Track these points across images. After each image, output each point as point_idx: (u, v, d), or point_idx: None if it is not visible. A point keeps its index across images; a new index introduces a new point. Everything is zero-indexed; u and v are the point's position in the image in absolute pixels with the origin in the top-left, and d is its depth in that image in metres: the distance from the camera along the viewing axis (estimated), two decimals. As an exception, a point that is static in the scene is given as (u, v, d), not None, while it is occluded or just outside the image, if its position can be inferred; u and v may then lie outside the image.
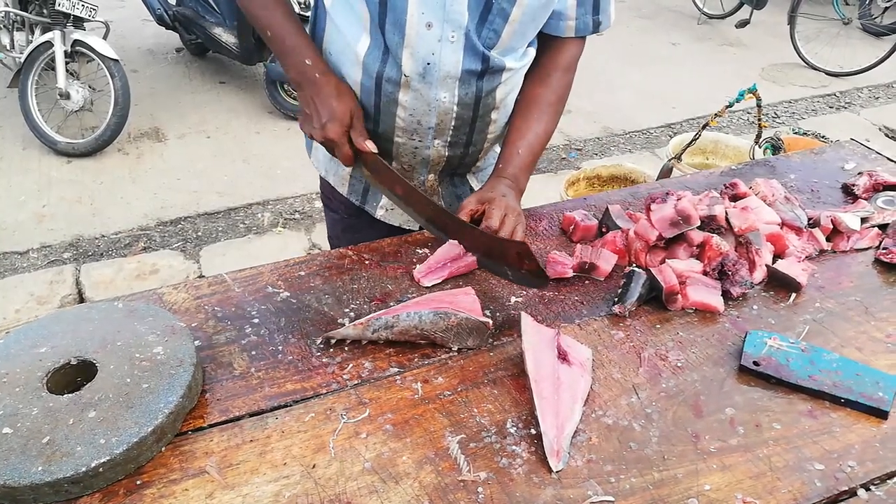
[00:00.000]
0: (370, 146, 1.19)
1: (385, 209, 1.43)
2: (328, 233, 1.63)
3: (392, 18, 1.14)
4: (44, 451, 0.80)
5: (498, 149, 1.45)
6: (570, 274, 1.17)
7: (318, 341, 1.03)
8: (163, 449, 0.86)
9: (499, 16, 1.15)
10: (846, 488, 0.84)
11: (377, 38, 1.18)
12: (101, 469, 0.80)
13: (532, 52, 1.31)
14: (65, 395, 0.88)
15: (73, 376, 0.94)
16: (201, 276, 3.17)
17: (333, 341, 1.03)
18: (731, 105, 2.60)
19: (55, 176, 4.00)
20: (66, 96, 4.11)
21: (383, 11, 1.14)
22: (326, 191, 1.52)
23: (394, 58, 1.18)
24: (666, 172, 2.78)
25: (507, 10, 1.15)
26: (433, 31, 1.14)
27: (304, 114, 1.23)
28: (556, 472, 0.84)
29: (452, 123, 1.27)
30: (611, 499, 0.81)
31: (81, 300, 3.09)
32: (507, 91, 1.29)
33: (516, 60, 1.26)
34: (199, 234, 3.58)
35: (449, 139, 1.30)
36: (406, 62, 1.17)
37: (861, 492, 0.84)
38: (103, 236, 3.54)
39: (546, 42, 1.32)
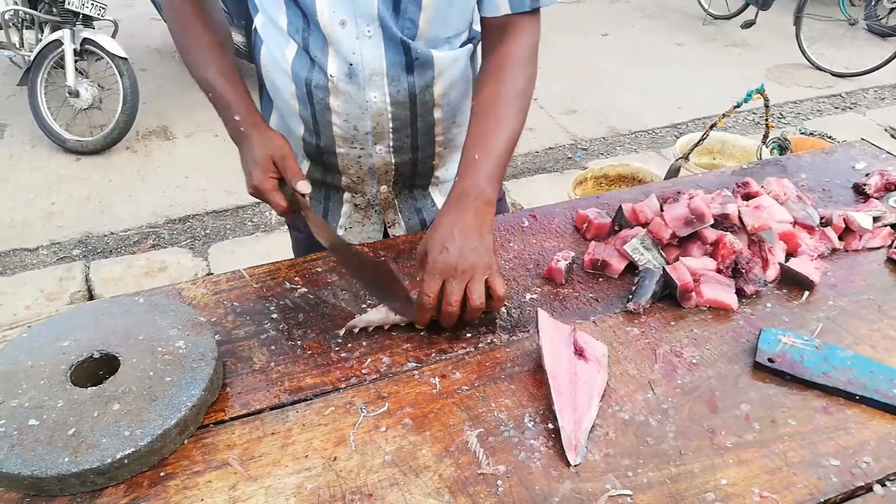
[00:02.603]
0: (302, 187, 1.10)
1: (344, 229, 1.41)
2: (294, 254, 1.55)
3: (312, 22, 1.11)
4: (70, 443, 0.82)
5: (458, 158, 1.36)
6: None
7: (341, 333, 1.04)
8: (185, 441, 0.88)
9: (411, 2, 1.10)
10: (862, 484, 0.84)
11: (301, 45, 1.15)
12: (126, 461, 0.81)
13: (470, 45, 1.24)
14: (89, 388, 0.89)
15: (95, 370, 0.95)
16: (209, 274, 3.19)
17: (356, 330, 1.04)
18: (739, 105, 2.60)
19: (64, 174, 4.03)
20: (75, 94, 4.14)
21: (305, 17, 1.11)
22: None
23: (319, 62, 1.15)
24: (674, 172, 2.79)
25: None
26: (348, 29, 1.10)
27: (242, 167, 1.16)
28: (574, 465, 0.85)
29: (390, 125, 1.22)
30: (629, 492, 0.82)
31: (91, 297, 3.11)
32: (447, 87, 1.23)
33: (449, 50, 1.19)
34: (208, 231, 3.60)
35: (391, 144, 1.25)
36: (330, 64, 1.14)
37: (877, 487, 0.84)
38: (112, 233, 3.56)
39: (490, 30, 1.20)
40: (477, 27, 1.26)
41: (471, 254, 1.00)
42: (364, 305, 1.11)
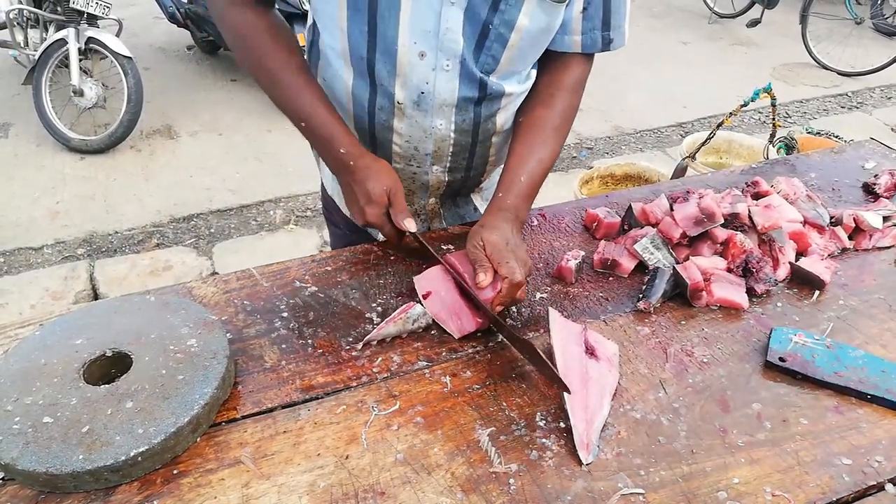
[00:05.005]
0: (409, 225, 1.12)
1: None
2: (331, 246, 1.59)
3: (382, 48, 1.09)
4: (84, 440, 0.82)
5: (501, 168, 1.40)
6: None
7: (360, 346, 1.03)
8: (198, 439, 0.88)
9: (497, 42, 1.10)
10: (874, 483, 0.84)
11: (361, 69, 1.13)
12: (139, 458, 0.81)
13: (534, 73, 1.25)
14: (102, 386, 0.89)
15: (107, 368, 0.95)
16: (214, 273, 3.19)
17: (374, 342, 1.03)
18: (746, 104, 2.60)
19: (69, 172, 4.04)
20: (80, 93, 4.15)
21: (372, 42, 1.09)
22: (328, 205, 1.50)
23: (385, 88, 1.14)
24: (680, 171, 2.78)
25: (506, 35, 1.09)
26: (426, 60, 1.09)
27: (345, 196, 1.19)
28: (586, 464, 0.85)
29: (451, 150, 1.23)
30: (641, 491, 0.82)
31: (96, 296, 3.12)
32: (508, 116, 1.25)
33: (518, 84, 1.20)
34: (212, 231, 3.60)
35: (448, 165, 1.27)
36: (399, 91, 1.13)
37: (889, 486, 0.84)
38: (117, 233, 3.57)
39: (550, 59, 1.22)
40: None
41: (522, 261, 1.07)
42: (374, 304, 1.11)
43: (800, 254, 1.22)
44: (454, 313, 1.05)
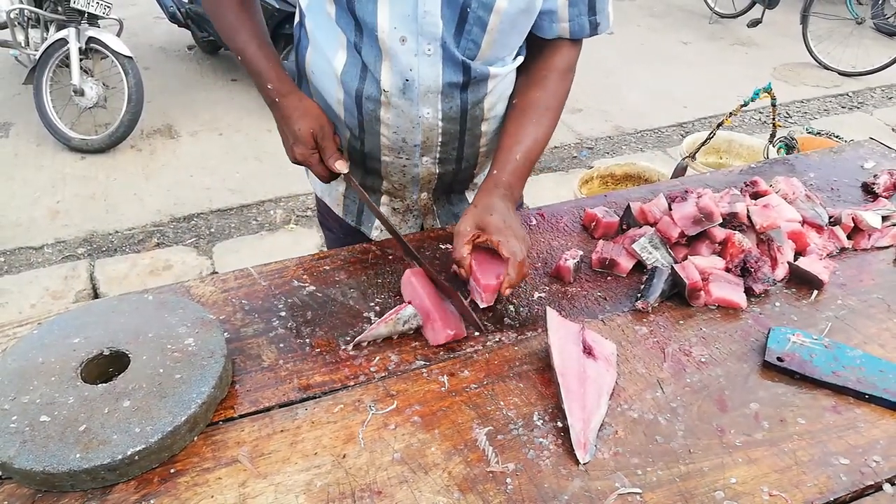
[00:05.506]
0: (340, 167, 1.16)
1: (380, 230, 1.40)
2: (328, 250, 1.61)
3: (367, 33, 1.11)
4: (81, 439, 0.82)
5: None
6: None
7: (350, 347, 1.03)
8: (195, 438, 0.88)
9: (476, 25, 1.10)
10: (871, 483, 0.84)
11: (354, 55, 1.15)
12: (136, 457, 0.81)
13: (520, 57, 1.25)
14: (99, 385, 0.90)
15: (105, 367, 0.96)
16: (214, 273, 3.19)
17: (366, 343, 1.03)
18: (746, 104, 2.60)
19: (69, 172, 4.04)
20: (81, 93, 4.15)
21: (359, 29, 1.11)
22: (322, 209, 1.51)
23: (372, 75, 1.14)
24: (680, 171, 2.78)
25: (484, 18, 1.09)
26: (408, 46, 1.10)
27: (279, 132, 1.23)
28: (584, 464, 0.85)
29: (439, 139, 1.23)
30: (638, 491, 0.82)
31: (96, 296, 3.12)
32: (495, 101, 1.24)
33: (503, 66, 1.20)
34: (212, 230, 3.60)
35: (438, 156, 1.26)
36: (385, 78, 1.14)
37: (886, 486, 0.84)
38: (117, 232, 3.57)
39: (540, 45, 1.24)
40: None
41: (520, 237, 1.08)
42: (371, 304, 1.11)
43: (798, 253, 1.22)
44: (427, 322, 1.05)
